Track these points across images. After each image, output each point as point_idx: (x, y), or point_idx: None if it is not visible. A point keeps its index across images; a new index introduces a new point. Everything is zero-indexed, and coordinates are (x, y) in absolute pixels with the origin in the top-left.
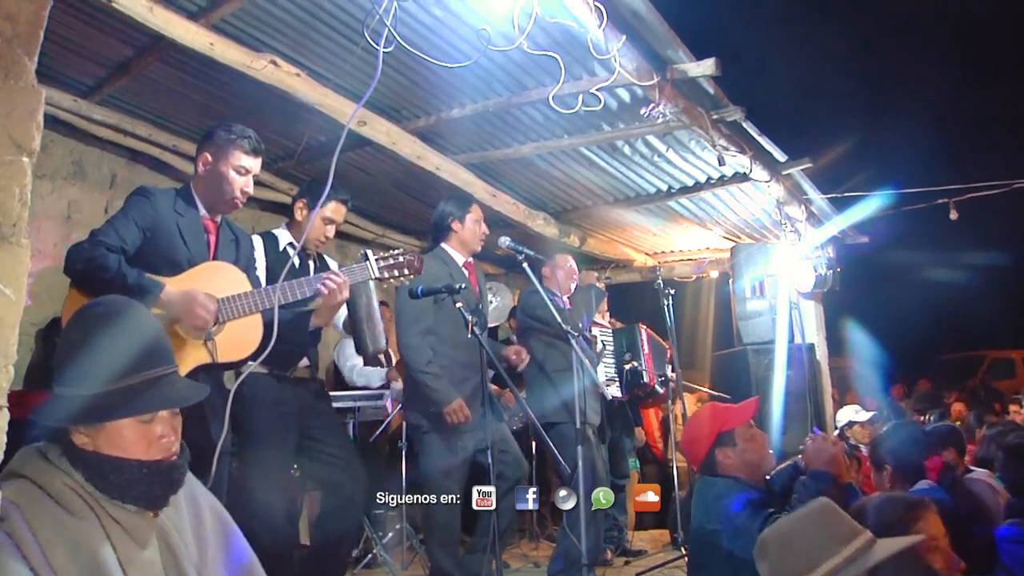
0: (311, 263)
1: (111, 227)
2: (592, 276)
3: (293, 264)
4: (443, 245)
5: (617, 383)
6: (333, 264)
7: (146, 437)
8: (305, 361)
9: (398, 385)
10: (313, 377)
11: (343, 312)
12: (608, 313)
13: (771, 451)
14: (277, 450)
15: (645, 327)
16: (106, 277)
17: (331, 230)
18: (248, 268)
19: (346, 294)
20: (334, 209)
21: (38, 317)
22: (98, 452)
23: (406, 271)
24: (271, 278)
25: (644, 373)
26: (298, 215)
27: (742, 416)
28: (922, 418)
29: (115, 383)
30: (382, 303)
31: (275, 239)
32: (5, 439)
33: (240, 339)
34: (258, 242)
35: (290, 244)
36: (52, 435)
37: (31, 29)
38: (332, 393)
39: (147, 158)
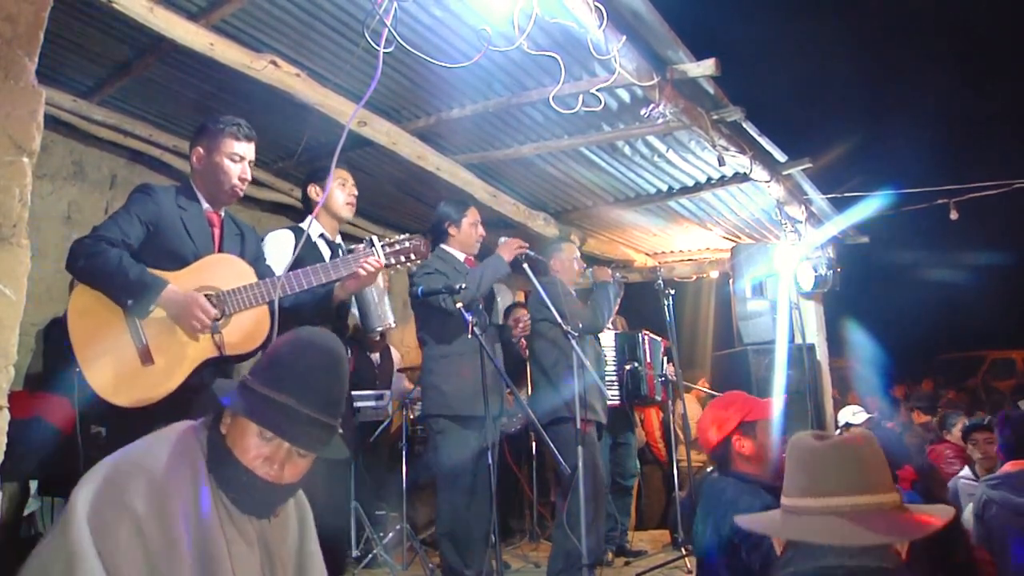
0: (340, 253)
1: (113, 222)
2: (607, 273)
3: (322, 256)
4: (443, 246)
5: (617, 388)
6: None
7: (257, 451)
8: None
9: (403, 384)
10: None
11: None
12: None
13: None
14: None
15: (647, 334)
16: (107, 272)
17: (351, 190)
18: (257, 260)
19: (377, 277)
20: (342, 174)
21: (38, 317)
22: (224, 439)
23: (412, 256)
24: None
25: (644, 380)
26: (316, 197)
27: (767, 410)
28: (925, 418)
29: (269, 390)
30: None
31: (304, 233)
32: (6, 439)
33: (247, 331)
34: (288, 236)
35: (320, 236)
36: (214, 413)
37: (31, 30)
38: None
39: (147, 158)
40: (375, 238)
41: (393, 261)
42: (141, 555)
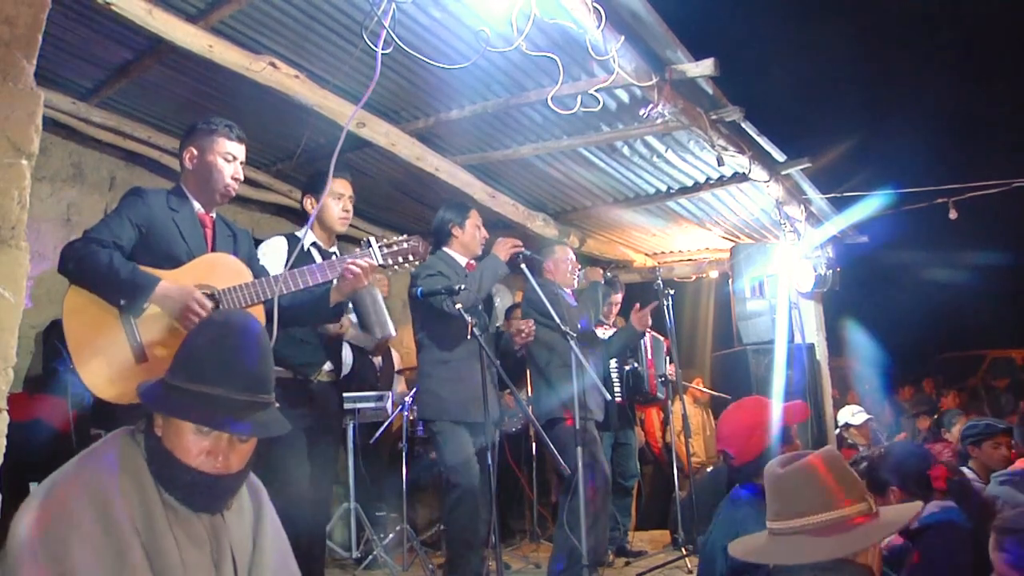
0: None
1: (104, 225)
2: (598, 273)
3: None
4: (445, 248)
5: (619, 385)
6: None
7: (197, 447)
8: (328, 365)
9: (401, 385)
10: (335, 382)
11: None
12: (617, 309)
13: None
14: (292, 450)
15: (648, 332)
16: (98, 273)
17: (346, 203)
18: (250, 261)
19: (369, 277)
20: (340, 185)
21: (37, 319)
22: (162, 442)
23: (411, 257)
24: None
25: (645, 379)
26: (310, 209)
27: (799, 415)
28: (925, 422)
29: (194, 384)
30: None
31: (298, 240)
32: (5, 441)
33: None
34: (281, 243)
35: (314, 244)
36: (147, 416)
37: (30, 32)
38: None
39: (146, 160)
40: (373, 239)
41: (391, 262)
42: (99, 571)
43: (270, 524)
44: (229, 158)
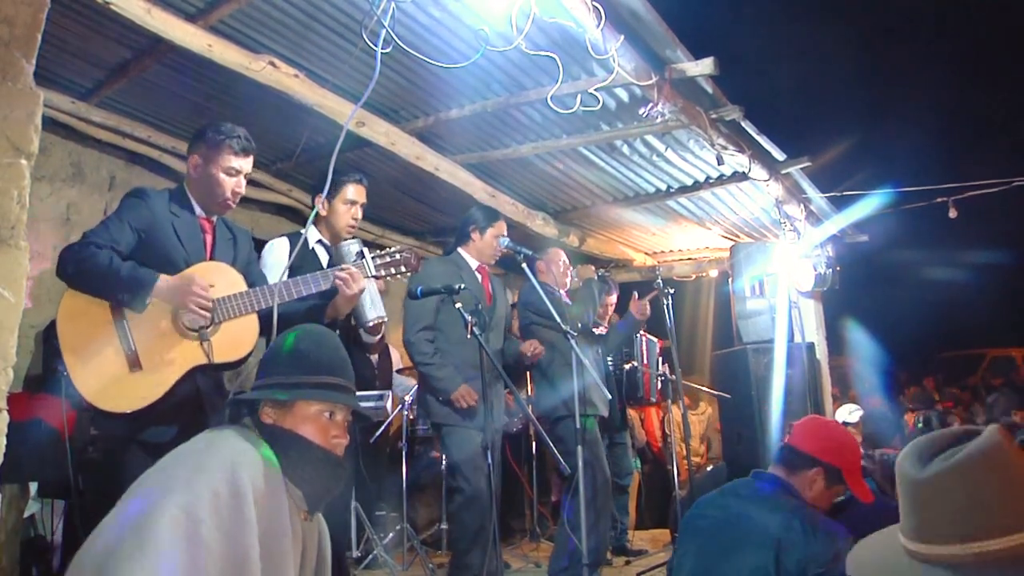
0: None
1: (103, 228)
2: (591, 270)
3: (320, 262)
4: (460, 250)
5: (614, 387)
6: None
7: (325, 429)
8: None
9: (406, 381)
10: None
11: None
12: (611, 307)
13: None
14: None
15: (643, 334)
16: (98, 272)
17: (357, 211)
18: (249, 264)
19: (362, 284)
20: (355, 191)
21: (37, 319)
22: (282, 426)
23: (403, 268)
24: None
25: (641, 382)
26: (322, 210)
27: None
28: (913, 415)
29: (316, 376)
30: None
31: (300, 238)
32: (5, 441)
33: (236, 339)
34: (283, 244)
35: (319, 242)
36: (243, 416)
37: (29, 32)
38: None
39: (146, 160)
40: (365, 250)
41: (383, 273)
42: (219, 523)
43: (327, 556)
44: (232, 172)
